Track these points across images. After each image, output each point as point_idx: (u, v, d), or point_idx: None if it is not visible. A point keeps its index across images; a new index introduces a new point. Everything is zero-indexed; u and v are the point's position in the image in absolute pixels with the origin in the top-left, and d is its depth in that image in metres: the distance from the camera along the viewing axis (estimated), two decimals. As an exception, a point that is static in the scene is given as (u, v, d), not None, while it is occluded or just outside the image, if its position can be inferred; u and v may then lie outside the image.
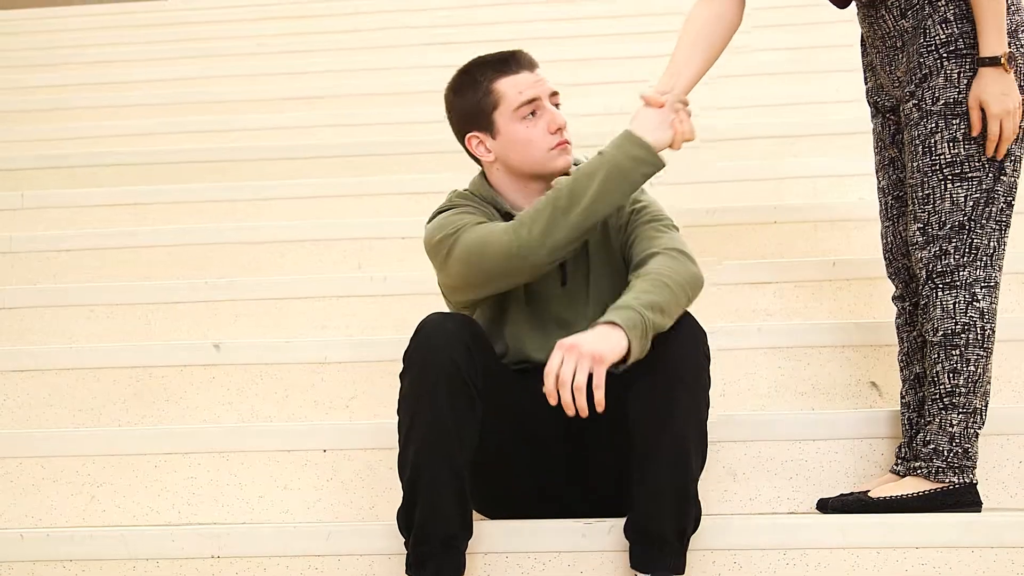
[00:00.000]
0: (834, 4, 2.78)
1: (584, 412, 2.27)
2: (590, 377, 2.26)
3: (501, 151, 2.62)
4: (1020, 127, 2.59)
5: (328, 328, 3.69)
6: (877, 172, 2.86)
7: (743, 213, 3.94)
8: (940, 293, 2.58)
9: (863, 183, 3.93)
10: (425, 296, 3.62)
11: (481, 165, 2.70)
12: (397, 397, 2.40)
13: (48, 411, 3.39)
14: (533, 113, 2.59)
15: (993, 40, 2.53)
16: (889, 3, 2.67)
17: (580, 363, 2.27)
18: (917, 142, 2.61)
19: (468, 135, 2.65)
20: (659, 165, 2.49)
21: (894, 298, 2.86)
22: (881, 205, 2.85)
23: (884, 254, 2.85)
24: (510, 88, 2.59)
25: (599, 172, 2.47)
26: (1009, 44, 2.56)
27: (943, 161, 2.58)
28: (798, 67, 5.60)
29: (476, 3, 7.34)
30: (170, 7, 8.21)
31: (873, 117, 2.86)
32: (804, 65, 5.62)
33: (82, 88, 6.37)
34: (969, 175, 2.57)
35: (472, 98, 2.62)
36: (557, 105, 2.63)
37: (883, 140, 2.82)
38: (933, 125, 2.59)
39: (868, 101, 2.87)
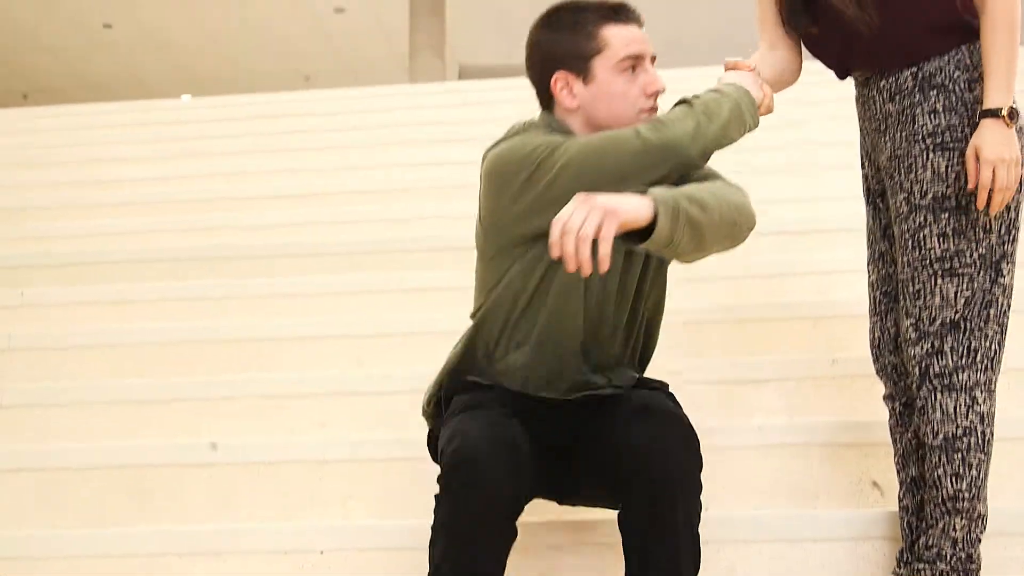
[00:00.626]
0: (836, 75, 2.81)
1: (587, 266, 2.16)
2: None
3: (589, 100, 2.50)
4: (1014, 221, 2.58)
5: (328, 426, 3.67)
6: (868, 266, 2.85)
7: (743, 310, 3.94)
8: (939, 395, 2.55)
9: (863, 279, 3.93)
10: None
11: (553, 108, 2.56)
12: (432, 518, 2.29)
13: (43, 511, 3.36)
14: (633, 69, 2.48)
15: (997, 93, 2.53)
16: (880, 85, 2.69)
17: (591, 213, 2.16)
18: (907, 236, 2.61)
19: (556, 74, 2.50)
20: (757, 122, 2.50)
21: (885, 398, 2.83)
22: (870, 300, 2.84)
23: (871, 350, 2.83)
24: (618, 38, 2.48)
25: (726, 101, 2.43)
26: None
27: (933, 256, 2.57)
28: (796, 163, 5.65)
29: (471, 100, 7.41)
30: (163, 107, 8.31)
31: (866, 207, 2.87)
32: (802, 161, 5.66)
33: (79, 186, 6.41)
34: (959, 271, 2.56)
35: (570, 38, 2.48)
36: None
37: (874, 233, 2.82)
38: (922, 219, 2.58)
39: (863, 189, 2.88)
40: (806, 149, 5.86)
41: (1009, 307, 2.60)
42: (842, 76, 2.81)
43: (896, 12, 2.59)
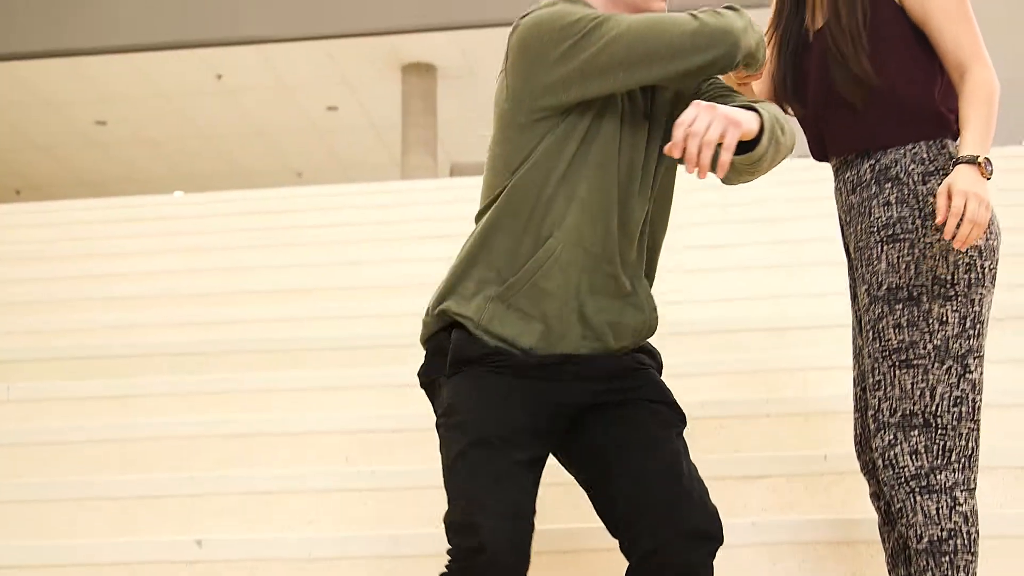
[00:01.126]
0: (813, 156, 2.84)
1: (705, 171, 2.26)
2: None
3: None
4: (978, 315, 2.57)
5: (315, 524, 3.63)
6: (852, 361, 2.85)
7: (734, 406, 3.93)
8: (919, 498, 2.51)
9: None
10: (415, 490, 3.58)
11: None
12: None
13: (27, 610, 3.32)
14: None
15: (973, 144, 2.53)
16: (846, 177, 2.71)
17: (715, 121, 2.26)
18: (868, 327, 2.62)
19: None
20: (761, 62, 2.54)
21: (871, 496, 2.80)
22: (853, 395, 2.82)
23: (855, 447, 2.81)
24: None
25: (744, 17, 2.47)
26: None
27: (891, 347, 2.56)
28: (784, 260, 5.67)
29: (463, 197, 7.45)
30: (156, 202, 8.33)
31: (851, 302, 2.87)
32: (790, 258, 5.69)
33: (71, 281, 6.40)
34: (915, 362, 2.54)
35: None
36: None
37: (854, 328, 2.82)
38: (880, 310, 2.59)
39: (848, 283, 2.88)
40: (793, 246, 5.89)
41: (981, 403, 2.57)
42: (817, 157, 2.83)
43: (882, 87, 2.62)
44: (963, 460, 2.53)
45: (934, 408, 2.52)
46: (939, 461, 2.51)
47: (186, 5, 12.83)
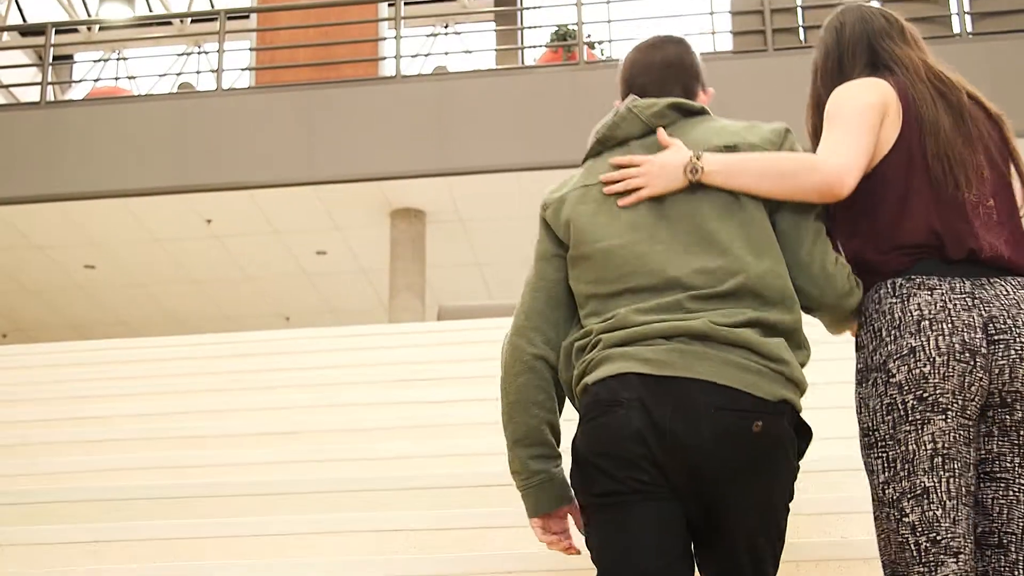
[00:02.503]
0: None
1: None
2: None
3: None
4: (903, 455, 2.52)
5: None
6: None
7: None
8: None
9: (845, 521, 3.86)
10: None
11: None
12: None
13: None
14: None
15: (722, 158, 2.50)
16: None
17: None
18: None
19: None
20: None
21: None
22: None
23: None
24: None
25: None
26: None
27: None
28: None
29: (449, 341, 7.42)
30: (144, 344, 8.28)
31: None
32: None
33: (48, 424, 6.32)
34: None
35: None
36: None
37: None
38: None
39: None
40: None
41: (934, 543, 2.43)
42: None
43: None
44: None
45: (889, 558, 2.53)
46: None
47: (176, 150, 12.94)
